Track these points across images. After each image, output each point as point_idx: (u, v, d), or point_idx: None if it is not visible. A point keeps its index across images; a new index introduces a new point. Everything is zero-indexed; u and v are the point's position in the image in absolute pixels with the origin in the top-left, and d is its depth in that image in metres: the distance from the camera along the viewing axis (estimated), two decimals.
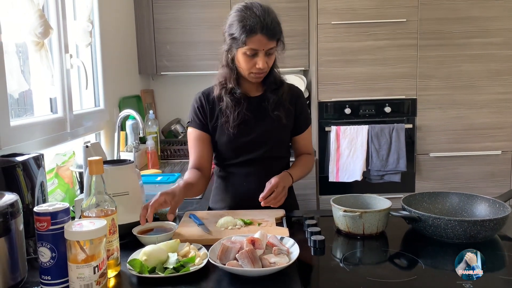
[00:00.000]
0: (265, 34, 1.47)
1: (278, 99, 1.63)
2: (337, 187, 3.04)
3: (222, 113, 1.62)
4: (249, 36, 1.47)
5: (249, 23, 1.46)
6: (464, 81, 3.00)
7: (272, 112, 1.62)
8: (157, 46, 3.12)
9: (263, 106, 1.64)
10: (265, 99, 1.64)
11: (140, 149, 2.47)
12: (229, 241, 1.15)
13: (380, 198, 1.46)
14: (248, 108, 1.61)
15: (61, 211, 1.02)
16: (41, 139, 1.68)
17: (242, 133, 1.61)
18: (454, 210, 1.46)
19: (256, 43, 1.48)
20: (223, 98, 1.61)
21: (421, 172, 3.07)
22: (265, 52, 1.51)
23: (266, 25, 1.46)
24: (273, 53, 1.55)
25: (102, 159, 1.10)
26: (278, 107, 1.63)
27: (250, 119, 1.62)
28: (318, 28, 2.94)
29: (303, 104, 1.72)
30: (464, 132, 3.05)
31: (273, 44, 1.51)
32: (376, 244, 1.30)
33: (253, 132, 1.63)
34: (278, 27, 1.51)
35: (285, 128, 1.67)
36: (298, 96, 1.72)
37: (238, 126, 1.60)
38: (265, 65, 1.52)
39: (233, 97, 1.60)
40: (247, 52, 1.50)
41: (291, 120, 1.68)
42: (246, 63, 1.53)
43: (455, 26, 2.95)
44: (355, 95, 3.00)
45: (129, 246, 1.26)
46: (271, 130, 1.64)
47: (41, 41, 1.54)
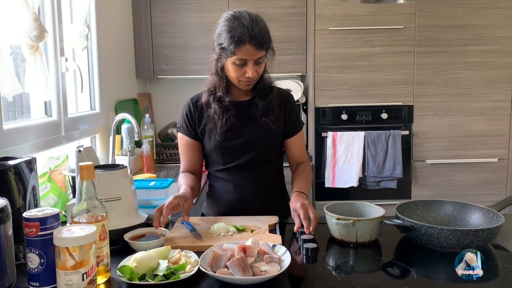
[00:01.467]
0: (254, 45, 1.46)
1: (267, 105, 1.62)
2: (333, 193, 3.03)
3: (210, 119, 1.62)
4: (237, 46, 1.47)
5: (237, 34, 1.46)
6: (460, 88, 3.00)
7: (260, 119, 1.61)
8: (154, 49, 3.12)
9: (251, 112, 1.63)
10: (254, 105, 1.63)
11: (136, 153, 2.46)
12: (220, 248, 1.14)
13: (374, 206, 1.45)
14: (236, 115, 1.61)
15: (50, 217, 1.02)
16: (35, 143, 1.68)
17: (230, 137, 1.61)
18: (448, 219, 1.46)
19: (245, 53, 1.48)
20: (211, 105, 1.61)
21: (417, 179, 3.07)
22: (254, 61, 1.50)
23: (254, 36, 1.45)
24: (262, 62, 1.54)
25: (93, 164, 1.09)
26: (266, 113, 1.61)
27: (239, 124, 1.61)
28: (316, 34, 2.94)
29: (292, 108, 1.70)
30: (460, 139, 3.05)
31: (262, 53, 1.51)
32: (369, 253, 1.30)
33: (241, 137, 1.62)
34: (266, 36, 1.50)
35: (274, 132, 1.65)
36: (287, 99, 1.69)
37: (225, 132, 1.60)
38: (255, 74, 1.52)
39: (221, 104, 1.60)
40: (236, 62, 1.50)
41: (281, 124, 1.67)
42: (235, 72, 1.53)
43: (452, 33, 2.95)
44: (352, 101, 3.00)
45: (120, 252, 1.25)
46: (260, 134, 1.62)
47: (36, 45, 1.54)
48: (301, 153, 1.76)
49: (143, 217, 1.43)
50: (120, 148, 2.42)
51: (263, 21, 1.52)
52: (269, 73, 1.66)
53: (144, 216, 1.44)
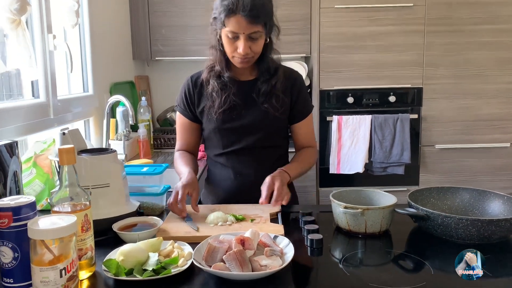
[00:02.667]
0: (245, 16, 1.33)
1: (269, 90, 1.49)
2: (338, 179, 2.92)
3: (208, 97, 1.51)
4: (227, 16, 1.35)
5: (227, 3, 1.34)
6: (472, 69, 2.86)
7: (262, 105, 1.50)
8: (152, 30, 2.98)
9: (253, 95, 1.51)
10: (256, 88, 1.51)
11: (132, 138, 2.35)
12: (216, 240, 1.04)
13: (384, 194, 1.34)
14: (236, 93, 1.49)
15: (25, 206, 0.91)
16: (20, 126, 1.57)
17: (229, 119, 1.50)
18: (464, 207, 1.34)
19: (235, 25, 1.35)
20: (209, 82, 1.50)
21: (426, 164, 2.95)
22: (247, 36, 1.37)
23: (245, 6, 1.32)
24: (258, 38, 1.40)
25: (73, 148, 0.98)
26: (269, 98, 1.49)
27: (239, 105, 1.50)
28: (321, 12, 2.80)
29: (300, 90, 1.57)
30: (471, 123, 2.92)
31: (257, 28, 1.37)
32: (379, 244, 1.19)
33: (242, 118, 1.51)
34: (262, 9, 1.36)
35: (278, 118, 1.52)
36: (294, 81, 1.57)
37: (224, 112, 1.49)
38: (247, 50, 1.39)
39: (220, 80, 1.50)
40: (228, 35, 1.39)
41: (286, 110, 1.54)
42: (228, 46, 1.42)
43: (464, 11, 2.81)
44: (358, 83, 2.87)
45: (109, 243, 1.15)
46: (262, 119, 1.51)
47: (18, 19, 1.41)
48: (308, 139, 1.64)
49: (135, 205, 1.33)
50: (115, 132, 2.31)
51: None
52: (279, 53, 1.54)
53: (135, 204, 1.34)
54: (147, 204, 1.41)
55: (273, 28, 1.46)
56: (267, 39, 1.46)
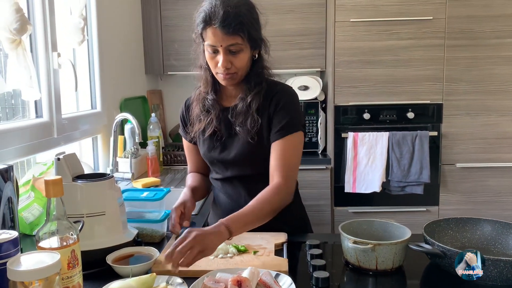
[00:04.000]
0: (218, 27, 1.24)
1: (246, 110, 1.36)
2: (354, 199, 2.81)
3: (193, 120, 1.47)
4: (204, 29, 1.28)
5: (202, 15, 1.27)
6: (496, 85, 2.73)
7: (236, 127, 1.37)
8: (164, 44, 2.95)
9: (230, 119, 1.40)
10: (233, 110, 1.39)
11: (140, 155, 2.31)
12: (211, 279, 0.96)
13: (398, 225, 1.24)
14: (219, 118, 1.41)
15: (5, 243, 0.86)
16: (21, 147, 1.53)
17: (213, 147, 1.44)
18: (486, 241, 1.24)
19: (212, 37, 1.26)
20: (193, 105, 1.45)
21: (446, 184, 2.82)
22: (226, 50, 1.27)
23: (218, 16, 1.23)
24: (239, 51, 1.29)
25: (61, 179, 0.92)
26: (245, 120, 1.35)
27: (221, 132, 1.41)
28: (336, 26, 2.72)
29: (276, 106, 1.35)
30: (495, 141, 2.78)
31: (234, 40, 1.26)
32: (391, 283, 1.10)
33: (224, 150, 1.42)
34: (236, 19, 1.24)
35: (257, 145, 1.36)
36: (272, 97, 1.37)
37: (208, 139, 1.43)
38: (227, 64, 1.29)
39: (202, 103, 1.42)
40: (208, 49, 1.30)
41: (264, 132, 1.37)
42: (210, 62, 1.33)
43: (487, 24, 2.68)
44: (375, 99, 2.77)
45: (103, 276, 1.09)
46: (243, 150, 1.38)
47: (18, 39, 1.38)
48: (277, 167, 1.32)
49: (132, 233, 1.26)
50: (123, 149, 2.26)
51: (243, 3, 1.28)
52: (269, 69, 1.41)
53: (133, 232, 1.27)
54: (146, 231, 1.35)
55: (258, 42, 1.34)
56: (255, 56, 1.37)
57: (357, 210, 2.82)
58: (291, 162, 1.34)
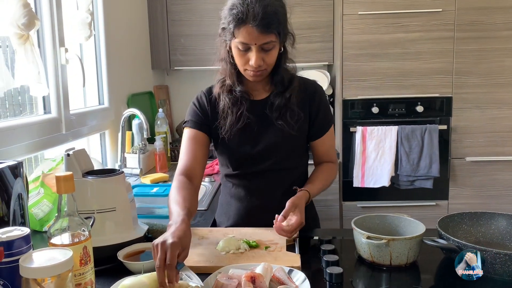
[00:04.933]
0: (256, 26, 1.23)
1: (284, 104, 1.38)
2: (362, 193, 2.80)
3: (221, 113, 1.40)
4: (237, 27, 1.25)
5: (236, 12, 1.24)
6: (506, 78, 2.70)
7: (276, 121, 1.39)
8: (170, 39, 2.94)
9: (267, 113, 1.41)
10: (269, 103, 1.41)
11: (148, 151, 2.30)
12: (225, 275, 0.95)
13: (411, 220, 1.22)
14: (250, 112, 1.39)
15: (17, 240, 0.85)
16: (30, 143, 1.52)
17: (244, 142, 1.40)
18: (501, 236, 1.22)
19: (245, 36, 1.25)
20: (221, 97, 1.40)
21: (456, 178, 2.79)
22: (259, 47, 1.27)
23: (255, 15, 1.22)
24: (272, 49, 1.30)
25: (72, 175, 0.91)
26: (284, 114, 1.38)
27: (253, 125, 1.40)
28: (344, 19, 2.69)
29: (319, 103, 1.45)
30: (505, 134, 2.75)
31: (269, 38, 1.27)
32: (406, 279, 1.08)
33: (257, 143, 1.40)
34: (274, 17, 1.25)
35: (295, 137, 1.42)
36: (313, 94, 1.44)
37: (239, 133, 1.38)
38: (260, 62, 1.29)
39: (231, 95, 1.39)
40: (238, 46, 1.29)
41: (305, 125, 1.43)
42: (239, 59, 1.32)
43: (498, 16, 2.65)
44: (384, 92, 2.74)
45: (114, 272, 1.08)
46: (278, 142, 1.40)
47: (26, 34, 1.37)
48: (329, 155, 1.53)
49: (143, 229, 1.25)
50: (131, 145, 2.26)
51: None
52: (294, 62, 1.43)
53: (144, 228, 1.26)
54: (157, 227, 1.34)
55: (287, 36, 1.35)
56: (281, 48, 1.36)
57: (366, 205, 2.80)
58: (334, 147, 1.59)
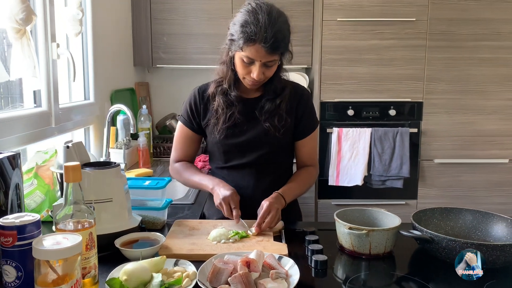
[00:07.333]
0: (264, 47, 1.32)
1: (273, 109, 1.49)
2: (337, 192, 2.92)
3: (213, 113, 1.52)
4: (246, 43, 1.34)
5: (249, 31, 1.33)
6: (473, 85, 2.87)
7: (264, 123, 1.50)
8: (153, 37, 2.98)
9: (256, 112, 1.51)
10: (260, 106, 1.51)
11: (131, 146, 2.34)
12: (221, 261, 1.03)
13: (388, 214, 1.33)
14: (241, 111, 1.50)
15: (29, 224, 0.90)
16: (22, 135, 1.55)
17: (232, 135, 1.51)
18: (467, 229, 1.35)
19: (253, 53, 1.35)
20: (216, 98, 1.51)
21: (424, 178, 2.95)
22: (262, 63, 1.38)
23: (266, 38, 1.31)
24: (273, 65, 1.41)
25: (79, 165, 0.97)
26: (272, 117, 1.49)
27: (242, 122, 1.51)
28: (323, 25, 2.80)
29: (305, 107, 1.56)
30: (471, 138, 2.92)
31: (274, 57, 1.38)
32: (383, 266, 1.19)
33: (244, 135, 1.51)
34: (282, 42, 1.35)
35: (279, 137, 1.51)
36: (300, 98, 1.55)
37: (227, 129, 1.49)
38: (261, 76, 1.40)
39: (226, 98, 1.50)
40: (243, 59, 1.38)
41: (288, 129, 1.53)
42: (241, 69, 1.42)
43: (466, 27, 2.82)
44: (359, 96, 2.87)
45: (111, 260, 1.14)
46: (264, 136, 1.50)
47: (23, 28, 1.40)
48: (310, 158, 1.62)
49: (137, 220, 1.31)
50: (115, 140, 2.29)
51: (285, 22, 1.38)
52: (287, 71, 1.54)
53: (137, 219, 1.32)
54: (149, 218, 1.40)
55: (286, 54, 1.45)
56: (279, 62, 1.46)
57: (340, 203, 2.92)
58: (316, 151, 1.67)
